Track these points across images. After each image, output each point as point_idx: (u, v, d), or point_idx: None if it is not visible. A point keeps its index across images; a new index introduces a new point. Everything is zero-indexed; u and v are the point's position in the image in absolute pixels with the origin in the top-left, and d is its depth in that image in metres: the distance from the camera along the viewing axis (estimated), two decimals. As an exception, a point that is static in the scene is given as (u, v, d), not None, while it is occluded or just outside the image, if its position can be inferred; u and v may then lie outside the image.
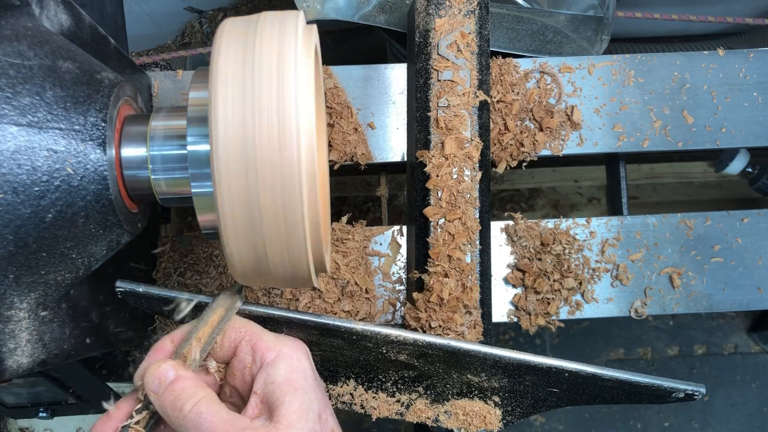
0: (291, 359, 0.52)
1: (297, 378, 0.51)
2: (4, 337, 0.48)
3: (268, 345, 0.53)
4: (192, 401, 0.48)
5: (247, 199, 0.46)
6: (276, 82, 0.46)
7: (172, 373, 0.50)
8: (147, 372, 0.50)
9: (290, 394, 0.50)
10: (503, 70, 0.82)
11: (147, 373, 0.50)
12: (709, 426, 1.75)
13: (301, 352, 0.54)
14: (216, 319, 0.54)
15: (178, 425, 0.49)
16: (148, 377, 0.50)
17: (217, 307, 0.55)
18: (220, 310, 0.55)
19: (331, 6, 0.84)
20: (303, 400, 0.50)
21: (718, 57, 0.84)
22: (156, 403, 0.50)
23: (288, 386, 0.50)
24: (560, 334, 1.78)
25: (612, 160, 0.90)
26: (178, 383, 0.50)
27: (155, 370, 0.50)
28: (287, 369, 0.51)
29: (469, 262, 0.70)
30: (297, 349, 0.53)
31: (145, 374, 0.50)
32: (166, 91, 0.82)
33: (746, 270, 0.83)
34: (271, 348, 0.53)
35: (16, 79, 0.46)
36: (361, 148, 0.81)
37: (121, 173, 0.55)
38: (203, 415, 0.48)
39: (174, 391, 0.49)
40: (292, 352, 0.53)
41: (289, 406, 0.49)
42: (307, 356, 0.54)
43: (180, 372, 0.50)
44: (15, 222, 0.46)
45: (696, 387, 0.61)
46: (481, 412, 0.64)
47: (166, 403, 0.49)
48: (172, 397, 0.49)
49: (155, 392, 0.50)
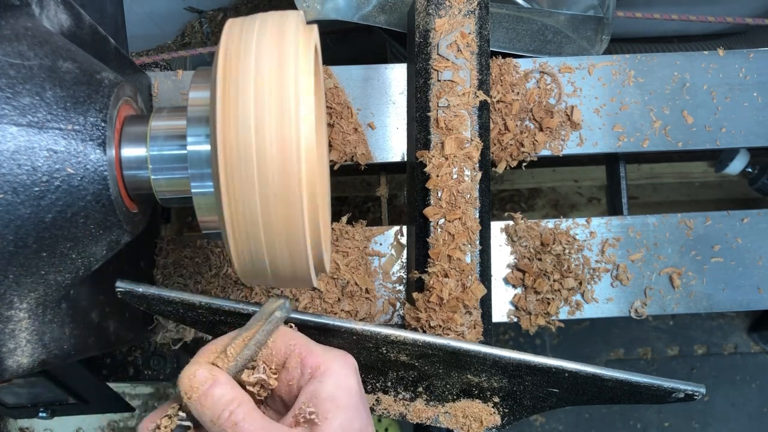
0: (338, 376, 0.52)
1: (342, 395, 0.50)
2: (4, 337, 0.48)
3: (317, 359, 0.52)
4: (229, 408, 0.48)
5: (248, 199, 0.46)
6: (276, 82, 0.46)
7: (209, 378, 0.50)
8: (183, 374, 0.50)
9: (333, 411, 0.49)
10: (503, 70, 0.82)
11: (183, 376, 0.50)
12: (709, 426, 1.75)
13: (349, 369, 0.53)
14: (259, 326, 0.53)
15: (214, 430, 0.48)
16: (184, 380, 0.50)
17: (262, 315, 0.54)
18: (261, 320, 0.54)
19: (331, 6, 0.84)
20: (345, 417, 0.49)
21: (718, 57, 0.84)
22: (191, 407, 0.49)
23: (332, 403, 0.50)
24: (560, 334, 1.78)
25: (612, 160, 0.90)
26: (215, 388, 0.49)
27: (192, 374, 0.50)
28: (334, 385, 0.51)
29: (469, 262, 0.70)
30: (345, 366, 0.53)
31: (181, 377, 0.50)
32: (166, 91, 0.82)
33: (746, 270, 0.83)
34: (320, 362, 0.52)
35: (16, 79, 0.46)
36: (361, 148, 0.81)
37: (121, 173, 0.55)
38: (240, 423, 0.47)
39: (211, 396, 0.49)
40: (340, 369, 0.52)
41: (331, 423, 0.49)
42: (354, 372, 0.53)
43: (218, 376, 0.50)
44: (15, 222, 0.46)
45: (696, 387, 0.61)
46: (481, 413, 0.64)
47: (202, 408, 0.49)
48: (208, 402, 0.49)
49: (189, 396, 0.49)
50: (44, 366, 0.53)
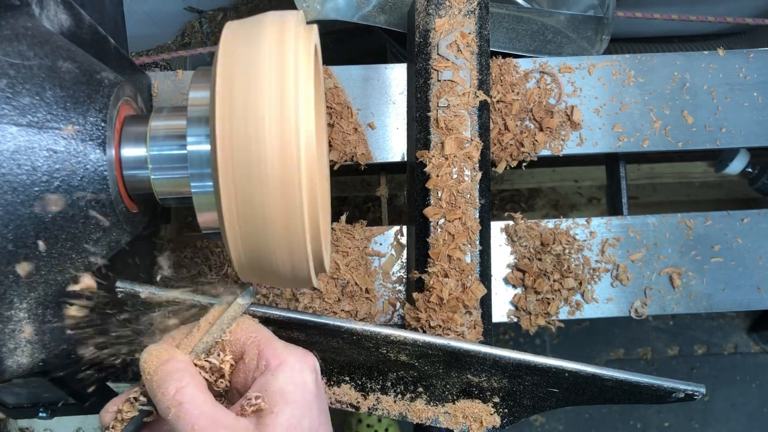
0: (293, 370, 0.51)
1: (292, 390, 0.49)
2: (4, 337, 0.48)
3: (275, 352, 0.52)
4: (176, 385, 0.47)
5: (248, 200, 0.46)
6: (276, 82, 0.46)
7: (165, 356, 0.49)
8: (144, 351, 0.50)
9: (281, 405, 0.48)
10: (503, 70, 0.82)
11: (143, 353, 0.50)
12: (709, 426, 1.75)
13: (305, 365, 0.52)
14: (219, 312, 0.54)
15: (162, 410, 0.48)
16: (144, 356, 0.50)
17: (224, 302, 0.55)
18: (223, 305, 0.54)
19: (331, 6, 0.84)
20: (293, 414, 0.48)
21: (718, 57, 0.84)
22: (146, 385, 0.49)
23: (281, 397, 0.49)
24: (560, 334, 1.78)
25: (612, 160, 0.90)
26: (168, 364, 0.49)
27: (151, 350, 0.50)
28: (285, 380, 0.50)
29: (469, 262, 0.70)
30: (302, 361, 0.52)
31: (142, 354, 0.50)
32: (166, 91, 0.82)
33: (746, 270, 0.83)
34: (276, 355, 0.51)
35: (16, 79, 0.46)
36: (361, 148, 0.81)
37: (120, 173, 0.55)
38: (185, 404, 0.47)
39: (162, 372, 0.48)
40: (296, 363, 0.51)
41: (276, 417, 0.48)
42: (312, 370, 0.52)
43: (175, 355, 0.50)
44: (15, 222, 0.46)
45: (696, 387, 0.61)
46: (481, 413, 0.64)
47: (154, 384, 0.48)
48: (159, 377, 0.48)
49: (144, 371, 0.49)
50: (44, 366, 0.53)
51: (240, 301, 0.55)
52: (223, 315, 0.54)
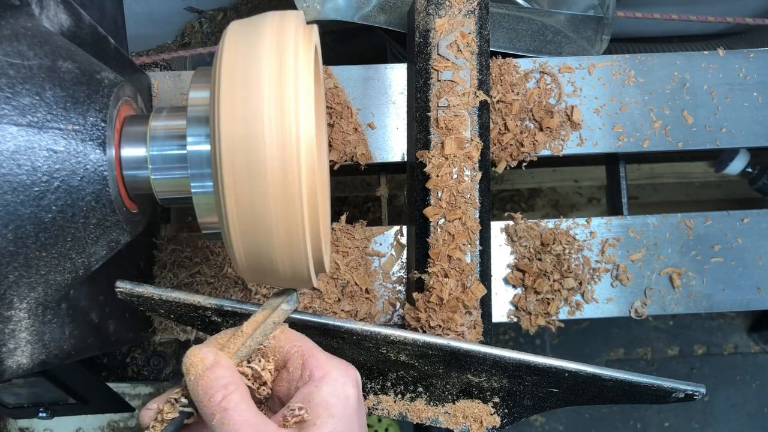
0: (336, 383, 0.50)
1: (335, 403, 0.49)
2: (4, 337, 0.48)
3: (319, 363, 0.51)
4: (223, 392, 0.47)
5: (248, 200, 0.46)
6: (276, 82, 0.46)
7: (211, 358, 0.49)
8: (188, 352, 0.49)
9: (324, 417, 0.48)
10: (503, 70, 0.82)
11: (188, 354, 0.49)
12: (709, 426, 1.75)
13: (348, 378, 0.52)
14: (262, 317, 0.53)
15: (206, 415, 0.47)
16: (188, 358, 0.49)
17: (266, 308, 0.54)
18: (267, 310, 0.54)
19: (331, 6, 0.84)
20: (335, 427, 0.48)
21: (718, 57, 0.84)
22: (189, 386, 0.49)
23: (324, 409, 0.49)
24: (560, 334, 1.78)
25: (612, 160, 0.90)
26: (214, 370, 0.48)
27: (196, 353, 0.49)
28: (329, 392, 0.50)
29: (469, 262, 0.70)
30: (345, 375, 0.52)
31: (186, 354, 0.49)
32: (166, 91, 0.82)
33: (746, 270, 0.83)
34: (320, 366, 0.51)
35: (16, 79, 0.46)
36: (361, 148, 0.81)
37: (120, 173, 0.55)
38: (230, 411, 0.46)
39: (208, 377, 0.48)
40: (339, 376, 0.51)
41: (319, 429, 0.47)
42: (354, 384, 0.52)
43: (220, 359, 0.49)
44: (15, 222, 0.46)
45: (696, 387, 0.61)
46: (481, 413, 0.64)
47: (197, 387, 0.48)
48: (205, 383, 0.48)
49: (189, 372, 0.48)
50: (44, 366, 0.53)
51: (284, 306, 0.54)
52: (266, 320, 0.53)
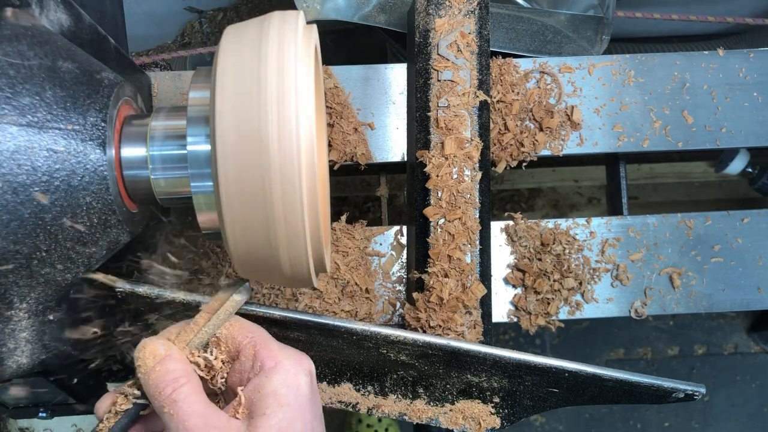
0: (287, 373, 0.50)
1: (286, 393, 0.49)
2: (4, 337, 0.48)
3: (270, 353, 0.51)
4: (173, 385, 0.48)
5: (248, 199, 0.46)
6: (276, 82, 0.46)
7: (161, 351, 0.49)
8: (139, 346, 0.50)
9: (273, 407, 0.48)
10: (503, 70, 0.82)
11: (138, 347, 0.50)
12: (709, 426, 1.75)
13: (300, 368, 0.51)
14: (214, 308, 0.53)
15: (157, 407, 0.48)
16: (138, 351, 0.49)
17: (218, 298, 0.54)
18: (220, 300, 0.54)
19: (331, 6, 0.84)
20: (285, 417, 0.48)
21: (718, 57, 0.84)
22: (142, 381, 0.49)
23: (274, 399, 0.48)
24: (560, 334, 1.78)
25: (612, 160, 0.90)
26: (164, 363, 0.49)
27: (147, 345, 0.50)
28: (279, 382, 0.49)
29: (469, 262, 0.70)
30: (297, 364, 0.51)
31: (137, 348, 0.50)
32: (166, 91, 0.82)
33: (746, 270, 0.83)
34: (272, 357, 0.51)
35: (16, 79, 0.46)
36: (361, 148, 0.81)
37: (120, 173, 0.55)
38: (179, 403, 0.47)
39: (158, 371, 0.48)
40: (291, 366, 0.51)
41: (268, 419, 0.47)
42: (306, 373, 0.52)
43: (171, 352, 0.50)
44: (15, 222, 0.46)
45: (696, 387, 0.61)
46: (481, 413, 0.64)
47: (150, 382, 0.48)
48: (155, 376, 0.48)
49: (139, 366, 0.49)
50: (44, 366, 0.53)
51: (236, 297, 0.54)
52: (218, 311, 0.53)
